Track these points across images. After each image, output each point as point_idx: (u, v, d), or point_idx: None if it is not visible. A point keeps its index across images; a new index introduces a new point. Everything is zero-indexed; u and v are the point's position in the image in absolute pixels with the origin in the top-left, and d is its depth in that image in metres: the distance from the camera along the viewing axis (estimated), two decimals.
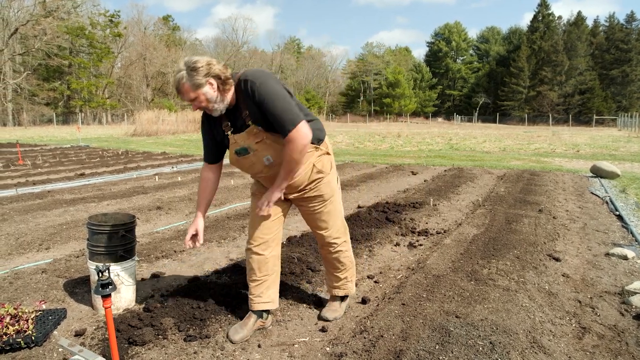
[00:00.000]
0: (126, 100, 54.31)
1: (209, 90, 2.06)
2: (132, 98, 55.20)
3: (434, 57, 74.37)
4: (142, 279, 3.30)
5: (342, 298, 2.72)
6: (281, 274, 3.15)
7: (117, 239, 2.68)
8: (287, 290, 2.96)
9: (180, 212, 5.56)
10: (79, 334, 2.38)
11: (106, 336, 2.34)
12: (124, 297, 2.77)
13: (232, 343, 2.33)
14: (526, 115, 54.59)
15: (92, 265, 2.72)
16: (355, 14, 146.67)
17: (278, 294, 2.55)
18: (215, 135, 2.33)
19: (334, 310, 2.65)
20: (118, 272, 2.70)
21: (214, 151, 2.42)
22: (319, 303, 2.86)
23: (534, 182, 7.75)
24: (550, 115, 51.18)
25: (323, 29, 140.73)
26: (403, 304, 2.66)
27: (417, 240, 4.31)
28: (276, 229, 2.44)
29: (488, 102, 64.34)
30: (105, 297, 1.49)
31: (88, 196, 6.51)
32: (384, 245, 4.15)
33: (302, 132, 2.05)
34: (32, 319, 2.05)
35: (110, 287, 1.46)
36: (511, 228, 4.54)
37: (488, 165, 10.64)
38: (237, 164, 2.28)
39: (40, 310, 2.17)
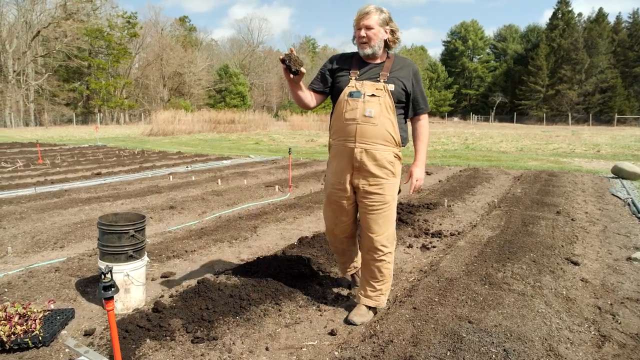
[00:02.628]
0: (143, 101, 55.10)
1: (383, 32, 2.45)
2: (149, 98, 55.96)
3: (450, 56, 73.45)
4: (153, 279, 3.31)
5: (372, 307, 2.67)
6: (290, 275, 3.14)
7: (127, 239, 2.68)
8: (297, 293, 2.93)
9: (193, 212, 5.58)
10: (88, 333, 2.39)
11: None
12: (134, 297, 2.78)
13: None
14: (544, 115, 53.50)
15: (102, 265, 2.73)
16: None
17: (359, 263, 2.87)
18: (336, 72, 2.57)
19: (361, 315, 2.60)
20: (128, 272, 2.71)
21: (323, 82, 2.62)
22: (328, 306, 2.82)
23: (552, 183, 7.57)
24: (570, 114, 50.09)
25: (339, 29, 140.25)
26: (414, 308, 2.60)
27: (430, 242, 4.23)
28: (351, 230, 2.74)
29: (505, 101, 63.25)
30: (108, 299, 1.48)
31: (103, 195, 6.59)
32: (397, 247, 4.07)
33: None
34: (39, 319, 2.06)
35: (112, 289, 1.45)
36: (527, 230, 4.43)
37: (504, 165, 10.45)
38: (340, 105, 2.50)
39: (48, 310, 2.19)
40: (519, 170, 9.58)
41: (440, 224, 4.97)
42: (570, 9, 57.34)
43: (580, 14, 57.69)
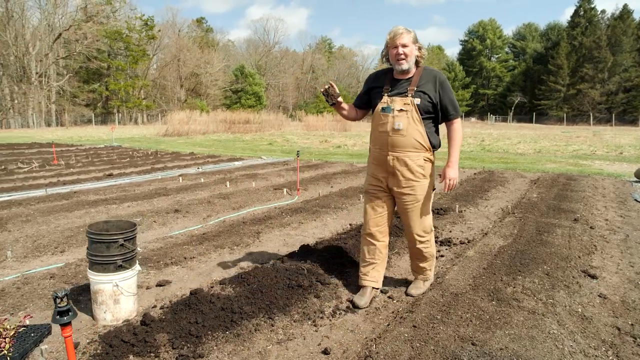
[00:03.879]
0: (161, 101, 55.81)
1: (415, 49, 2.76)
2: (167, 99, 56.66)
3: (467, 55, 72.32)
4: (148, 287, 3.22)
5: (425, 281, 3.12)
6: (287, 286, 3.01)
7: (116, 249, 2.59)
8: (292, 305, 2.79)
9: (198, 216, 5.51)
10: None
11: (98, 352, 2.25)
12: (124, 308, 2.69)
13: (358, 308, 2.85)
14: (565, 115, 52.22)
15: (91, 275, 2.65)
16: (390, 13, 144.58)
17: (382, 277, 3.11)
18: (372, 90, 2.95)
19: (418, 288, 3.07)
20: (117, 282, 2.62)
21: (362, 100, 3.05)
22: (325, 320, 2.68)
23: (570, 188, 7.26)
24: (591, 114, 48.74)
25: (356, 29, 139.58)
26: (414, 326, 2.44)
27: (439, 251, 4.04)
28: (383, 224, 2.99)
29: (524, 101, 61.95)
30: (65, 325, 1.37)
31: (111, 197, 6.58)
32: (402, 256, 3.91)
33: (461, 122, 2.82)
34: (10, 337, 1.98)
35: (70, 314, 1.34)
36: (542, 239, 4.20)
37: (521, 168, 10.12)
38: (375, 118, 2.87)
39: (23, 326, 2.10)
40: (536, 173, 9.25)
41: (450, 231, 4.78)
42: (592, 6, 55.76)
43: (603, 11, 56.02)
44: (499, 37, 71.00)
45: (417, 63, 2.81)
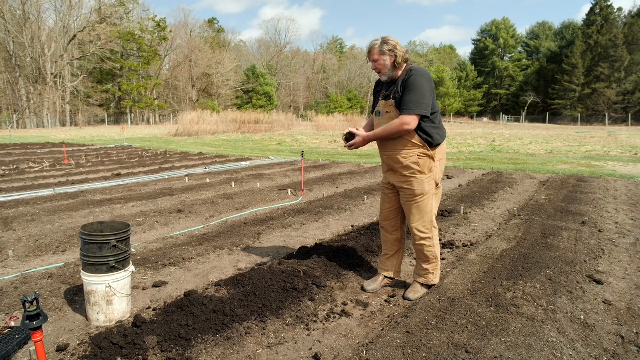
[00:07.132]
0: (173, 101, 56.32)
1: (387, 60, 2.82)
2: (179, 99, 57.16)
3: (479, 55, 71.55)
4: (144, 288, 3.21)
5: (424, 285, 3.08)
6: (282, 289, 2.97)
7: (108, 250, 2.59)
8: (285, 309, 2.75)
9: (201, 216, 5.51)
10: (61, 349, 2.30)
11: (87, 353, 2.24)
12: (117, 309, 2.68)
13: (365, 292, 3.09)
14: (579, 115, 51.34)
15: (84, 276, 2.65)
16: (403, 13, 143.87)
17: (400, 267, 3.29)
18: (375, 96, 3.12)
19: (415, 291, 3.04)
20: (110, 283, 2.62)
21: (374, 106, 3.13)
22: (318, 324, 2.63)
23: (581, 190, 7.09)
24: (607, 114, 47.76)
25: (370, 29, 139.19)
26: (408, 332, 2.38)
27: (441, 254, 3.96)
28: (392, 218, 3.14)
29: (537, 101, 61.09)
30: (35, 330, 1.35)
31: (116, 197, 6.62)
32: (405, 259, 3.84)
33: (408, 119, 2.72)
34: None
35: (40, 318, 1.32)
36: (547, 243, 4.09)
37: (531, 169, 9.94)
38: (374, 121, 3.07)
39: (8, 328, 2.10)
40: (546, 175, 9.08)
41: (454, 234, 4.69)
42: (609, 3, 54.73)
43: (620, 9, 54.97)
44: (513, 36, 70.12)
45: (400, 65, 2.87)
